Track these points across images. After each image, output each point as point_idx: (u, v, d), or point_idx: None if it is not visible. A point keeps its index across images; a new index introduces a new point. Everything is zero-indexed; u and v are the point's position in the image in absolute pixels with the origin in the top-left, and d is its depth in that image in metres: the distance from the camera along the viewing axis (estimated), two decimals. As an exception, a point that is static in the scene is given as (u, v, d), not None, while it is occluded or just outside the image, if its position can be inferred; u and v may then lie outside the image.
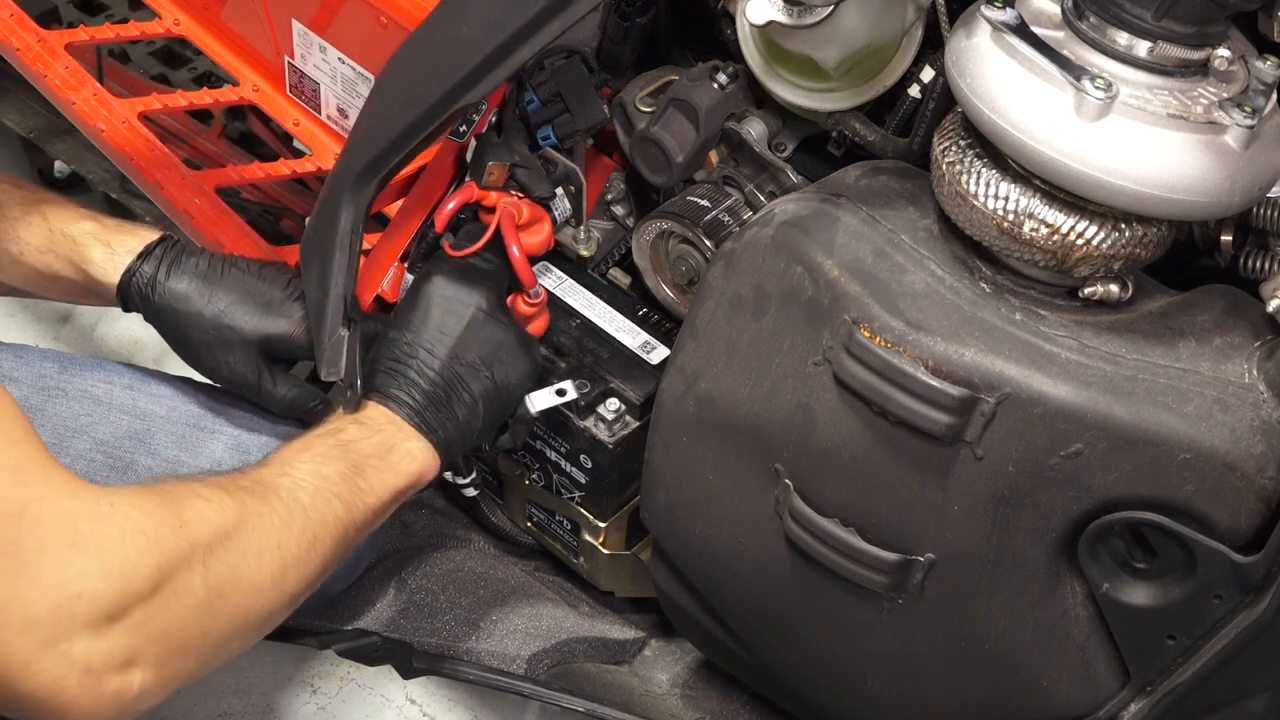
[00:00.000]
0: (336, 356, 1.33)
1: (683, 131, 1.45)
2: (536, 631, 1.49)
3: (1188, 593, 1.15)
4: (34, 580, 0.97)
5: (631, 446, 1.41)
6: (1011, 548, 1.17)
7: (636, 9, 1.48)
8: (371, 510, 1.24)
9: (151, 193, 1.83)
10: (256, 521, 1.12)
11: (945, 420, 1.13)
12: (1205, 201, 1.08)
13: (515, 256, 1.36)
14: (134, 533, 1.01)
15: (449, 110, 1.29)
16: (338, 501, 1.20)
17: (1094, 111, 1.06)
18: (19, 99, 2.18)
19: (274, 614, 1.14)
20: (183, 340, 1.37)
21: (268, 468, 1.20)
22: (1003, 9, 1.11)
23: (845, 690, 1.35)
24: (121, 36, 2.01)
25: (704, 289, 1.30)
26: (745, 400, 1.25)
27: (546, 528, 1.53)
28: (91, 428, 1.37)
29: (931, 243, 1.20)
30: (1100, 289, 1.15)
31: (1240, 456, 1.10)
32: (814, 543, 1.24)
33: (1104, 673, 1.21)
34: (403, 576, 1.51)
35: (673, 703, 1.53)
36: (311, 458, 1.22)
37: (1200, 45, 1.10)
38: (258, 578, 1.11)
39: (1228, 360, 1.14)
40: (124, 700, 1.01)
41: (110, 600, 0.99)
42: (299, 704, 1.77)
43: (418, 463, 1.28)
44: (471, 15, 1.27)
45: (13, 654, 0.97)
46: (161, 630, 1.03)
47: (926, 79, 1.34)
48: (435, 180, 1.44)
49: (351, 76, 1.78)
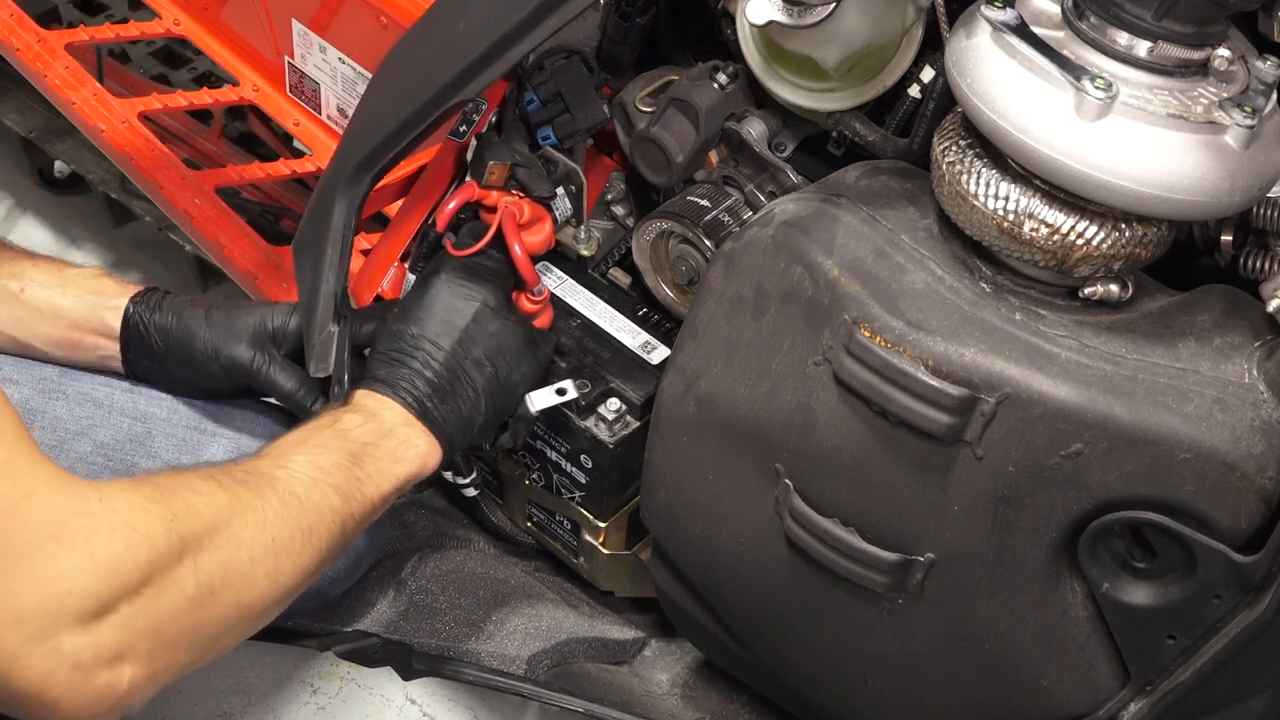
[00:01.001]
0: (326, 352, 1.32)
1: (683, 131, 1.45)
2: (536, 631, 1.49)
3: (1188, 593, 1.15)
4: (23, 576, 0.97)
5: (632, 446, 1.41)
6: (1011, 548, 1.17)
7: (636, 9, 1.48)
8: (370, 501, 1.23)
9: (151, 193, 1.83)
10: (249, 515, 1.11)
11: (945, 420, 1.13)
12: (1205, 201, 1.08)
13: (518, 255, 1.36)
14: (123, 528, 1.01)
15: (445, 106, 1.29)
16: (334, 493, 1.19)
17: (1094, 111, 1.06)
18: (19, 99, 2.18)
19: (269, 607, 1.14)
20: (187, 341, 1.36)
21: (264, 459, 1.19)
22: (1003, 9, 1.11)
23: (845, 690, 1.35)
24: (121, 36, 2.02)
25: (704, 289, 1.30)
26: (745, 400, 1.25)
27: (546, 528, 1.53)
28: (92, 430, 1.37)
29: (931, 243, 1.20)
30: (1100, 289, 1.15)
31: (1240, 456, 1.10)
32: (814, 543, 1.24)
33: (1104, 672, 1.21)
34: (403, 577, 1.51)
35: (673, 703, 1.52)
36: (309, 449, 1.21)
37: (1200, 45, 1.10)
38: (250, 571, 1.10)
39: (1228, 360, 1.14)
40: (114, 695, 1.01)
41: (99, 596, 0.99)
42: (299, 704, 1.77)
43: (418, 453, 1.28)
44: (469, 11, 1.27)
45: (2, 649, 0.97)
46: (151, 625, 1.02)
47: (926, 79, 1.34)
48: (435, 180, 1.44)
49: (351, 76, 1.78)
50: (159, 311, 1.37)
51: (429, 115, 1.29)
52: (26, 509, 0.99)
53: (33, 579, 0.97)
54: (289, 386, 1.35)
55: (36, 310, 1.36)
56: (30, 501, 0.99)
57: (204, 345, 1.36)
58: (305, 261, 1.35)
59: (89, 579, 0.98)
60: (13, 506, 0.98)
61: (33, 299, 1.36)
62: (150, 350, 1.38)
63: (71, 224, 2.31)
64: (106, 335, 1.38)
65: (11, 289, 1.36)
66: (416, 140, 1.32)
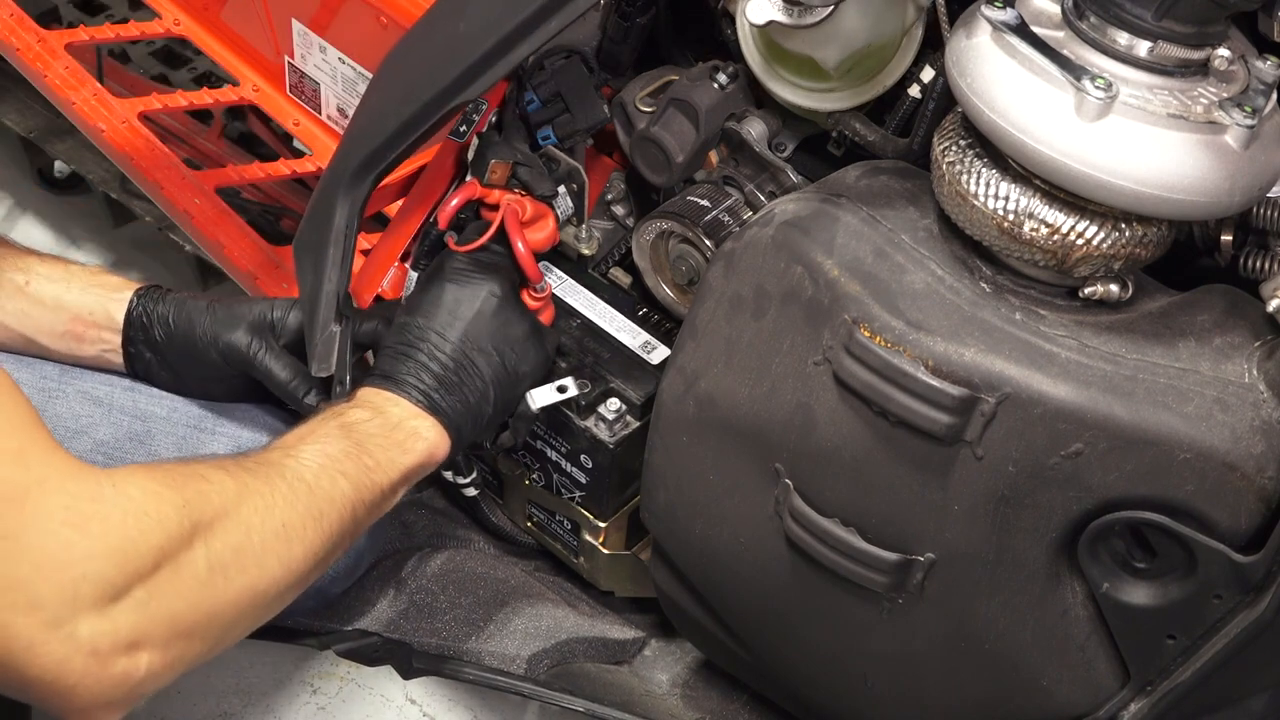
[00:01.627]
0: (327, 352, 1.33)
1: (683, 131, 1.45)
2: (536, 631, 1.49)
3: (1188, 593, 1.15)
4: (37, 562, 0.97)
5: (632, 446, 1.41)
6: (1011, 548, 1.17)
7: (636, 9, 1.48)
8: (380, 489, 1.22)
9: (151, 193, 1.83)
10: (259, 500, 1.11)
11: (945, 420, 1.13)
12: (1205, 201, 1.08)
13: (520, 252, 1.36)
14: (136, 513, 1.01)
15: (446, 107, 1.29)
16: (344, 479, 1.19)
17: (1094, 111, 1.06)
18: (19, 99, 2.18)
19: (282, 593, 1.13)
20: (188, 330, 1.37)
21: (271, 450, 1.20)
22: (1003, 9, 1.11)
23: (845, 690, 1.35)
24: (121, 36, 2.02)
25: (704, 289, 1.30)
26: (745, 400, 1.25)
27: (546, 528, 1.53)
28: (92, 429, 1.37)
29: (931, 243, 1.20)
30: (1100, 289, 1.15)
31: (1240, 456, 1.10)
32: (814, 543, 1.24)
33: (1104, 672, 1.21)
34: (403, 577, 1.51)
35: (673, 703, 1.52)
36: (316, 439, 1.21)
37: (1200, 45, 1.10)
38: (263, 556, 1.10)
39: (1228, 360, 1.14)
40: (131, 682, 1.01)
41: (113, 581, 0.99)
42: (299, 704, 1.77)
43: (427, 444, 1.27)
44: (470, 12, 1.28)
45: (18, 636, 0.97)
46: (166, 610, 1.02)
47: (926, 79, 1.34)
48: (436, 179, 1.44)
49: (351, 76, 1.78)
50: (162, 303, 1.38)
51: (430, 116, 1.30)
52: (40, 496, 0.99)
53: (47, 565, 0.97)
54: (284, 376, 1.36)
55: (40, 303, 1.37)
56: (43, 488, 0.99)
57: (204, 332, 1.37)
58: (306, 262, 1.35)
59: (103, 564, 0.99)
60: (25, 493, 0.98)
61: (37, 292, 1.37)
62: (152, 342, 1.38)
63: (71, 224, 2.31)
64: (110, 328, 1.38)
65: (16, 282, 1.37)
66: (418, 141, 1.32)
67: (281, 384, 1.36)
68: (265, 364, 1.36)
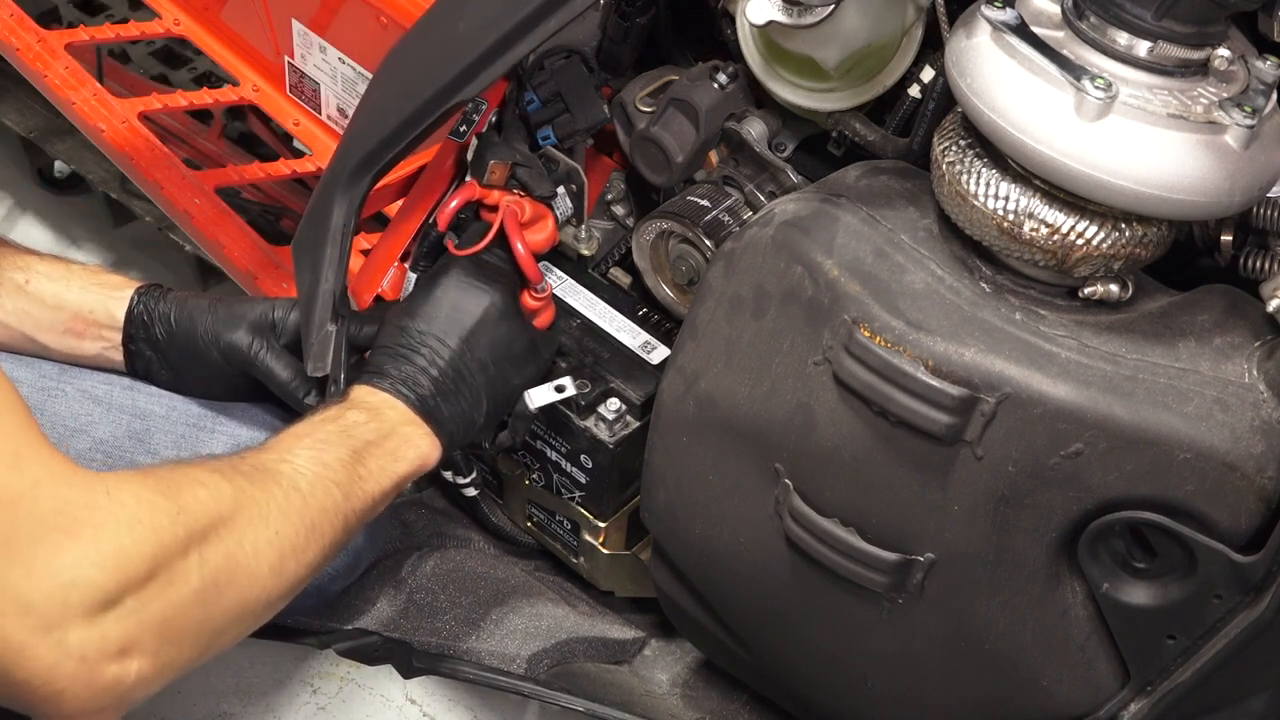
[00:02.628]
0: (324, 351, 1.33)
1: (683, 131, 1.45)
2: (536, 631, 1.49)
3: (1188, 593, 1.15)
4: (29, 568, 0.97)
5: (632, 446, 1.41)
6: (1011, 548, 1.17)
7: (636, 9, 1.48)
8: (372, 497, 1.23)
9: (151, 193, 1.83)
10: (254, 509, 1.11)
11: (945, 420, 1.13)
12: (1205, 201, 1.08)
13: (520, 253, 1.36)
14: (130, 520, 1.01)
15: (445, 106, 1.29)
16: (337, 489, 1.19)
17: (1094, 111, 1.06)
18: (19, 99, 2.18)
19: (272, 602, 1.14)
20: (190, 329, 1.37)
21: (268, 453, 1.19)
22: (1003, 9, 1.11)
23: (845, 690, 1.35)
24: (121, 36, 2.02)
25: (704, 289, 1.30)
26: (745, 400, 1.25)
27: (546, 528, 1.53)
28: (91, 427, 1.37)
29: (931, 243, 1.20)
30: (1100, 289, 1.15)
31: (1240, 456, 1.10)
32: (814, 543, 1.24)
33: (1104, 673, 1.21)
34: (402, 576, 1.51)
35: (673, 703, 1.52)
36: (312, 444, 1.21)
37: (1200, 45, 1.10)
38: (255, 566, 1.10)
39: (1228, 360, 1.14)
40: (120, 689, 1.01)
41: (105, 589, 0.99)
42: (299, 704, 1.77)
43: (419, 452, 1.28)
44: (469, 11, 1.28)
45: (8, 641, 0.97)
46: (158, 618, 1.02)
47: (926, 79, 1.34)
48: (435, 180, 1.44)
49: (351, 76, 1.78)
50: (164, 302, 1.38)
51: (429, 115, 1.30)
52: (33, 500, 0.98)
53: (39, 570, 0.97)
54: (284, 375, 1.36)
55: (41, 302, 1.37)
56: (37, 492, 0.99)
57: (205, 331, 1.37)
58: (304, 261, 1.35)
59: (95, 572, 0.98)
60: (19, 497, 0.98)
61: (38, 290, 1.37)
62: (152, 341, 1.38)
63: (71, 224, 2.31)
64: (110, 327, 1.38)
65: (17, 280, 1.36)
66: (416, 140, 1.32)
67: (282, 384, 1.36)
68: (266, 363, 1.36)
